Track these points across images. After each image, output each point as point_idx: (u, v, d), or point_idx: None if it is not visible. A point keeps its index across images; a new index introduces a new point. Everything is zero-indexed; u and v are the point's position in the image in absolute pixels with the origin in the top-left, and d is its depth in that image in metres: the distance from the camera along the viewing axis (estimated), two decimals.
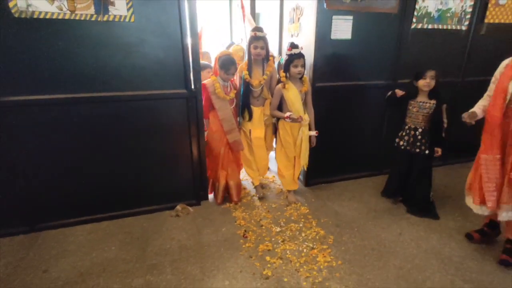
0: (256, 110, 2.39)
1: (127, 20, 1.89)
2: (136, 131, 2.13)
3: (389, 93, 2.35)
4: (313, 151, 2.45)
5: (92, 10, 1.81)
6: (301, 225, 2.17)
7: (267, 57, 2.30)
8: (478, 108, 1.85)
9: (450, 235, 2.06)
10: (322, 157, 2.61)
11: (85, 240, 1.99)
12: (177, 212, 2.31)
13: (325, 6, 2.30)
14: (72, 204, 2.12)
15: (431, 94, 2.19)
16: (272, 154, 2.73)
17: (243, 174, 2.76)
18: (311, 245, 1.95)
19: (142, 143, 2.17)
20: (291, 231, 2.09)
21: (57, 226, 2.11)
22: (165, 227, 2.14)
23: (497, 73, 1.77)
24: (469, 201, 1.88)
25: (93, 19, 1.82)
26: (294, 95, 2.23)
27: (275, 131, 2.52)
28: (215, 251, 1.89)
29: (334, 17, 2.35)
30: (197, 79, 2.17)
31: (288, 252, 1.88)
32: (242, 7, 3.59)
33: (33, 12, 1.72)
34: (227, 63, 2.18)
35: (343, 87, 2.56)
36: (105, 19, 1.85)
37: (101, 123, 2.03)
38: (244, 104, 2.37)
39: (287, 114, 2.23)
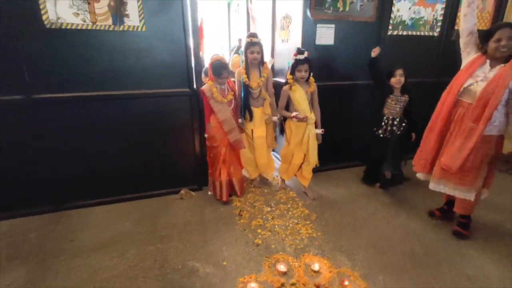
0: (257, 111, 2.57)
1: (139, 29, 2.23)
2: (145, 125, 2.46)
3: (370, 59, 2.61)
4: None
5: (110, 22, 2.15)
6: (288, 205, 2.50)
7: (262, 61, 2.49)
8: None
9: (417, 214, 2.39)
10: None
11: (104, 217, 2.33)
12: (181, 196, 2.64)
13: (310, 16, 2.64)
14: (91, 187, 2.46)
15: (403, 90, 2.55)
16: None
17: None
18: (296, 221, 2.28)
19: (151, 135, 2.50)
20: (280, 210, 2.43)
21: (79, 206, 2.44)
22: (172, 208, 2.48)
23: (462, 67, 2.00)
24: (417, 168, 2.21)
25: (110, 29, 2.16)
26: (300, 96, 2.39)
27: (282, 129, 2.66)
28: (215, 225, 2.22)
29: (318, 25, 2.69)
30: (198, 79, 2.50)
31: (276, 226, 2.21)
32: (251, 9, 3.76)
33: (61, 23, 2.06)
34: (218, 68, 2.27)
35: (328, 87, 2.87)
36: (120, 29, 2.18)
37: (117, 117, 2.37)
38: (245, 105, 2.55)
39: (294, 114, 2.39)
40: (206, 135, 2.49)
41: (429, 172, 2.13)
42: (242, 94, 2.54)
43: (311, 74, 2.41)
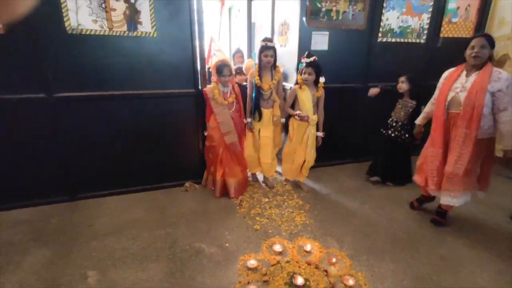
0: (266, 112, 2.69)
1: (151, 35, 2.45)
2: (155, 122, 2.69)
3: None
4: None
5: (125, 28, 2.38)
6: (285, 197, 2.73)
7: (274, 64, 2.61)
8: (420, 118, 2.45)
9: (402, 204, 2.63)
10: None
11: (116, 206, 2.55)
12: (186, 188, 2.87)
13: (306, 24, 2.88)
14: (104, 179, 2.67)
15: (412, 95, 2.78)
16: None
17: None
18: (291, 210, 2.51)
19: (159, 132, 2.73)
20: (276, 201, 2.66)
21: (92, 197, 2.66)
22: (178, 199, 2.70)
23: (439, 83, 2.23)
24: (417, 178, 2.41)
25: (125, 34, 2.39)
26: (306, 97, 2.57)
27: (286, 129, 2.80)
28: (217, 214, 2.45)
29: (313, 32, 2.93)
30: (203, 81, 2.74)
31: (273, 214, 2.44)
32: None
33: (81, 29, 2.28)
34: (220, 67, 2.44)
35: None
36: (134, 34, 2.41)
37: (130, 114, 2.59)
38: (255, 106, 2.65)
39: (297, 112, 2.60)
40: (206, 133, 2.67)
41: (430, 186, 2.22)
42: (254, 95, 2.64)
43: (321, 79, 2.61)
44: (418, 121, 2.50)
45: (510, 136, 1.92)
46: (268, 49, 2.51)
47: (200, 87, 2.73)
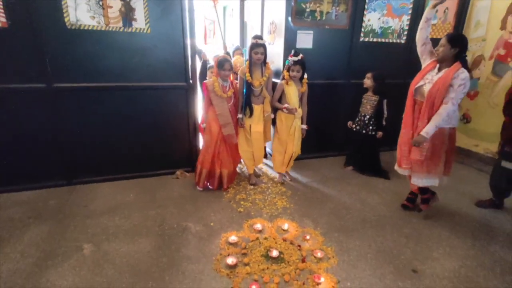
0: (257, 108, 2.75)
1: (145, 31, 2.64)
2: (148, 113, 2.87)
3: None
4: None
5: (120, 24, 2.56)
6: (269, 185, 2.93)
7: (264, 61, 2.67)
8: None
9: (376, 191, 2.84)
10: None
11: (110, 191, 2.73)
12: (177, 176, 3.05)
13: (291, 23, 3.08)
14: (98, 166, 2.85)
15: (375, 91, 3.00)
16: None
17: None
18: (274, 196, 2.71)
19: (152, 122, 2.91)
20: (261, 188, 2.85)
21: (87, 182, 2.84)
22: (168, 185, 2.89)
23: (424, 65, 2.34)
24: (396, 166, 2.60)
25: (121, 30, 2.57)
26: (293, 91, 2.73)
27: (273, 120, 2.90)
28: (205, 198, 2.64)
29: (298, 31, 3.13)
30: (193, 75, 2.92)
31: (256, 199, 2.64)
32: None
33: (80, 25, 2.46)
34: (221, 61, 2.54)
35: (307, 85, 3.32)
36: (129, 30, 2.59)
37: (123, 105, 2.77)
38: (246, 102, 2.69)
39: (285, 105, 2.75)
40: (202, 125, 2.77)
41: (401, 165, 2.40)
42: (245, 91, 2.69)
43: (305, 75, 2.78)
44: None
45: (433, 125, 2.08)
46: (258, 46, 2.57)
47: (191, 81, 2.92)
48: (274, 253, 1.90)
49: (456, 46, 2.12)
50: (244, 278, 1.72)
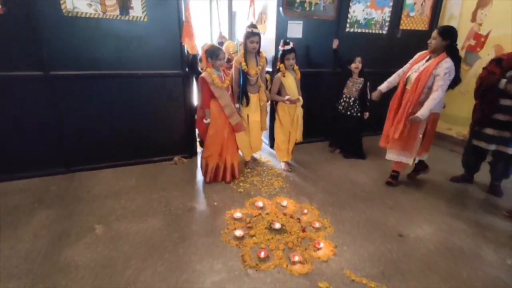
0: (253, 97, 2.79)
1: (141, 19, 2.68)
2: (145, 100, 2.93)
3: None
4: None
5: (117, 12, 2.59)
6: (264, 168, 3.10)
7: (259, 50, 2.70)
8: (383, 85, 2.79)
9: (363, 170, 3.09)
10: None
11: (111, 177, 2.79)
12: (175, 161, 3.15)
13: (282, 14, 3.21)
14: (97, 153, 2.90)
15: (360, 74, 3.22)
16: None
17: None
18: (270, 177, 2.88)
19: (151, 110, 2.97)
20: (257, 171, 3.02)
21: (86, 169, 2.88)
22: (167, 170, 2.98)
23: (411, 60, 2.61)
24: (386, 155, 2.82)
25: (118, 18, 2.60)
26: (291, 81, 2.80)
27: (273, 115, 3.00)
28: (205, 182, 2.77)
29: (289, 21, 3.27)
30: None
31: (254, 181, 2.80)
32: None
33: (77, 12, 2.47)
34: (214, 50, 2.47)
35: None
36: (126, 18, 2.63)
37: (121, 93, 2.82)
38: (243, 92, 2.72)
39: (287, 97, 2.78)
40: (206, 121, 2.60)
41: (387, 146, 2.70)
42: (241, 81, 2.71)
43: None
44: (381, 87, 2.81)
45: (427, 109, 2.31)
46: (254, 35, 2.61)
47: (187, 69, 3.00)
48: (277, 225, 2.08)
49: (447, 38, 2.33)
50: (252, 247, 1.89)
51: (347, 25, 3.58)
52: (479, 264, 1.84)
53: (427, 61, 2.46)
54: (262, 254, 1.80)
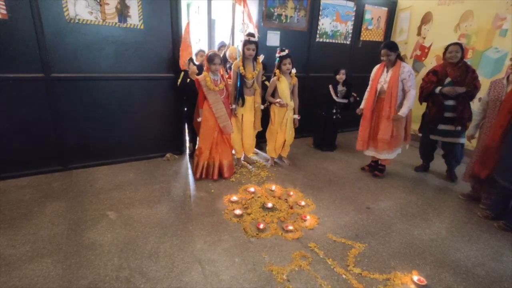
0: (249, 99, 3.03)
1: (138, 27, 2.93)
2: (140, 101, 3.16)
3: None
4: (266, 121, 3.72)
5: (116, 20, 2.82)
6: (254, 160, 3.48)
7: (255, 57, 2.97)
8: (362, 103, 3.23)
9: (334, 161, 3.60)
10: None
11: (109, 173, 2.98)
12: (167, 158, 3.40)
13: (262, 24, 3.64)
14: (93, 151, 3.06)
15: (343, 84, 3.72)
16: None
17: None
18: (257, 169, 3.27)
19: (144, 110, 3.21)
20: (244, 164, 3.38)
21: (82, 167, 3.03)
22: (161, 165, 3.24)
23: (372, 76, 3.09)
24: (358, 147, 3.26)
25: (116, 25, 2.83)
26: (285, 86, 3.08)
27: (267, 115, 3.22)
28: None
29: (268, 31, 3.71)
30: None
31: (243, 172, 3.16)
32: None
33: (78, 19, 2.67)
34: (211, 56, 2.72)
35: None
36: (124, 26, 2.87)
37: (117, 94, 3.03)
38: (239, 93, 2.96)
39: (278, 100, 3.10)
40: (198, 119, 2.86)
41: (366, 149, 3.17)
42: (238, 84, 2.94)
43: (293, 70, 3.15)
44: (362, 105, 3.23)
45: (407, 107, 2.85)
46: (251, 43, 2.86)
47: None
48: (269, 205, 2.46)
49: (396, 50, 2.88)
50: (251, 222, 2.26)
51: (317, 36, 4.11)
52: (426, 224, 2.38)
53: (387, 72, 2.95)
54: (261, 226, 2.17)
